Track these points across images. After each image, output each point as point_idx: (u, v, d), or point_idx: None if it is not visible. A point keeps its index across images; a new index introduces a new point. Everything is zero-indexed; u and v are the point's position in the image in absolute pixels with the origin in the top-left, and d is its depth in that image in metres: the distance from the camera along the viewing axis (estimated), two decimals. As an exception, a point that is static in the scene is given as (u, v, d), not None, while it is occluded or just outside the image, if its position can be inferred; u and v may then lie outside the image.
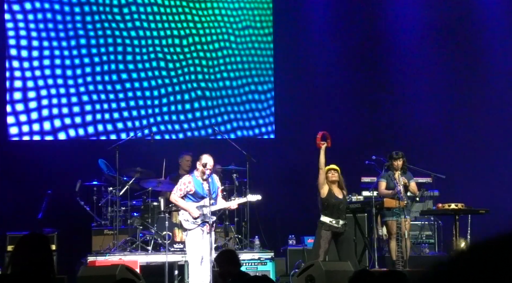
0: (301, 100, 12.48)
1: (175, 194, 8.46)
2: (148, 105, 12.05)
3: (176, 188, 8.52)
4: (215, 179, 8.58)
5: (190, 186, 8.39)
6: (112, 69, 11.96)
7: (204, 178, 8.39)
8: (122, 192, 9.94)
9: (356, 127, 12.38)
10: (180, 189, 8.44)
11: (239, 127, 12.36)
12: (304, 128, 12.15)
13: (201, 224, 8.33)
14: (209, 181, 8.43)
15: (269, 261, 9.30)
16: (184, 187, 8.42)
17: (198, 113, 12.23)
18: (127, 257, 9.27)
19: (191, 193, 8.41)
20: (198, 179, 8.41)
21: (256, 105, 12.49)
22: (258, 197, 8.57)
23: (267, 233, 10.32)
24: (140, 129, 11.73)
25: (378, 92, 12.56)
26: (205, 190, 8.39)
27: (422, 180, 10.90)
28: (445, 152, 12.12)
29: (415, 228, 10.84)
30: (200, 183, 8.41)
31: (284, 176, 12.05)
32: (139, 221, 9.97)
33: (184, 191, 8.42)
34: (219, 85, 12.32)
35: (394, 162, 9.50)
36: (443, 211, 9.17)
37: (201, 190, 8.39)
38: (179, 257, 9.49)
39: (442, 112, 12.46)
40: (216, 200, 8.52)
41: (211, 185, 8.43)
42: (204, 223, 8.31)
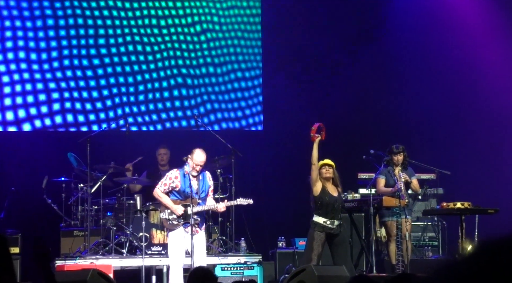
0: (291, 88, 12.46)
1: (159, 189, 8.44)
2: (123, 93, 11.97)
3: (161, 182, 8.51)
4: (207, 177, 8.56)
5: (176, 182, 8.37)
6: (83, 54, 11.88)
7: (194, 175, 8.36)
8: (94, 189, 9.91)
9: (352, 118, 12.38)
10: (165, 184, 8.43)
11: (224, 118, 12.33)
12: (295, 119, 12.14)
13: (184, 224, 8.30)
14: (200, 179, 8.40)
15: (257, 266, 9.29)
16: (170, 182, 8.40)
17: (178, 102, 12.18)
18: (99, 261, 9.23)
19: (176, 190, 8.37)
20: (187, 175, 8.38)
21: (243, 94, 12.46)
22: (250, 201, 8.55)
23: (255, 234, 10.32)
24: (114, 119, 11.67)
25: (377, 81, 12.56)
26: (193, 188, 8.36)
27: (425, 177, 10.92)
28: (451, 146, 12.14)
29: (417, 229, 10.87)
30: (188, 180, 8.38)
31: (273, 171, 12.05)
32: (113, 221, 9.93)
33: (169, 186, 8.40)
34: (201, 72, 12.27)
35: (394, 156, 9.52)
36: (447, 210, 9.17)
37: (189, 187, 8.36)
38: (157, 261, 9.49)
39: (448, 102, 12.48)
40: (204, 200, 8.50)
41: (201, 183, 8.41)
42: (186, 223, 8.28)
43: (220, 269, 9.07)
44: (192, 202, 8.34)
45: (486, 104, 12.33)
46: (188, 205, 8.33)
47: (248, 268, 9.22)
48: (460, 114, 12.40)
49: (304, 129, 12.20)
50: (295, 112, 12.29)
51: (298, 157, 12.01)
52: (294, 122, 12.16)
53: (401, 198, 9.15)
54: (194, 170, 8.30)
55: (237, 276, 9.00)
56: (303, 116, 12.22)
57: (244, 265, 9.29)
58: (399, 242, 9.27)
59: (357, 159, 10.54)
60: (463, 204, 8.98)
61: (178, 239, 8.32)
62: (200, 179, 8.39)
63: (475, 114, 12.33)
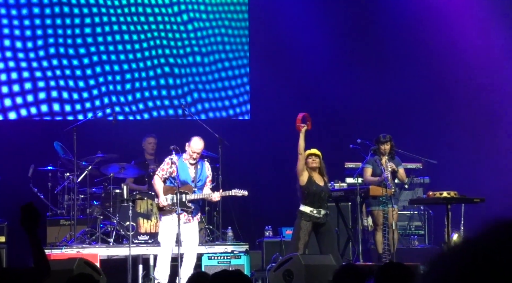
0: (279, 77, 12.42)
1: (157, 174, 8.51)
2: (110, 82, 11.90)
3: (160, 167, 8.58)
4: (205, 166, 8.59)
5: (173, 167, 8.36)
6: (69, 43, 11.79)
7: (192, 163, 8.35)
8: (80, 178, 9.87)
9: (339, 108, 12.37)
10: (162, 169, 8.49)
11: (211, 107, 12.30)
12: (282, 108, 12.12)
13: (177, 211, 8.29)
14: (197, 168, 8.40)
15: (243, 255, 9.27)
16: (167, 167, 8.43)
17: (165, 91, 12.13)
18: (86, 250, 9.21)
19: (173, 176, 8.36)
20: (184, 163, 8.38)
21: (230, 83, 12.42)
22: (245, 193, 8.59)
23: (242, 223, 10.32)
24: (100, 108, 11.61)
25: (364, 70, 12.55)
26: (190, 176, 8.35)
27: (412, 166, 10.94)
28: (437, 135, 12.16)
29: (403, 219, 10.89)
30: (186, 167, 8.39)
31: (261, 161, 12.03)
32: (100, 210, 9.92)
33: (166, 171, 8.42)
34: (188, 61, 12.22)
35: (381, 146, 9.52)
36: (434, 199, 9.18)
37: (185, 175, 8.36)
38: (144, 250, 9.48)
39: (434, 91, 12.48)
40: (201, 190, 8.53)
41: (198, 172, 8.42)
42: (182, 210, 8.30)
43: (207, 258, 9.06)
44: (188, 189, 8.34)
45: (472, 93, 12.34)
46: (184, 192, 8.32)
47: (235, 257, 9.20)
48: (446, 103, 12.41)
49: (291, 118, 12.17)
50: (282, 101, 12.26)
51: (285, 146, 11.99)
52: (281, 111, 12.13)
53: (388, 187, 9.16)
54: (192, 158, 8.32)
55: (224, 265, 8.99)
56: (290, 106, 12.18)
57: (231, 254, 9.27)
58: (386, 231, 9.29)
59: (344, 148, 10.54)
60: (449, 193, 8.99)
61: (169, 225, 8.32)
62: (198, 168, 8.41)
63: (462, 103, 12.35)
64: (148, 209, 9.81)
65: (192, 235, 8.42)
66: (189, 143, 8.38)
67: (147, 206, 9.81)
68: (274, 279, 8.11)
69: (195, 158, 8.36)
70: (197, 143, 8.37)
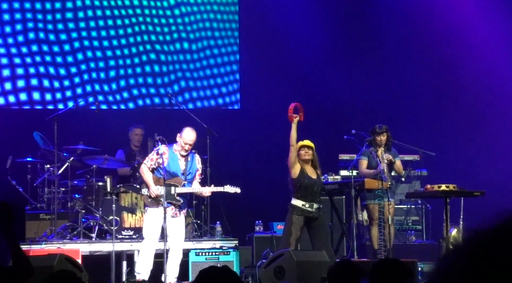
0: (270, 65, 12.41)
1: (145, 164, 8.45)
2: (92, 69, 11.84)
3: (148, 157, 8.54)
4: (196, 159, 8.58)
5: (163, 158, 8.34)
6: (49, 28, 11.72)
7: (183, 155, 8.33)
8: (61, 170, 9.83)
9: (333, 97, 12.36)
10: (151, 159, 8.44)
11: (199, 96, 12.27)
12: (274, 97, 12.10)
13: (166, 204, 8.27)
14: (188, 160, 8.39)
15: (233, 251, 9.28)
16: (156, 157, 8.39)
17: (151, 79, 12.09)
18: (67, 245, 9.17)
19: (162, 167, 8.34)
20: (175, 154, 8.37)
21: (219, 70, 12.38)
22: (237, 190, 8.60)
23: (231, 218, 10.30)
24: (83, 97, 11.55)
25: (360, 58, 12.54)
26: (180, 168, 8.34)
27: (409, 158, 10.96)
28: (436, 126, 12.17)
29: (400, 213, 10.91)
30: (176, 159, 8.38)
31: (251, 152, 12.03)
32: (81, 204, 9.89)
33: (155, 161, 8.39)
34: (175, 48, 12.19)
35: (377, 137, 9.51)
36: (432, 193, 9.18)
37: (175, 166, 8.35)
38: (128, 246, 9.46)
39: (432, 80, 12.49)
40: (190, 183, 8.52)
41: (189, 165, 8.41)
42: (169, 204, 8.26)
43: (194, 254, 9.05)
44: (177, 182, 8.32)
45: (472, 83, 12.34)
46: (173, 185, 8.30)
47: (224, 253, 9.21)
48: (445, 93, 12.41)
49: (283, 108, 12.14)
50: (273, 90, 12.23)
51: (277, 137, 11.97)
52: (273, 101, 12.11)
53: (384, 180, 9.15)
54: (183, 150, 8.32)
55: (212, 261, 8.98)
56: (282, 95, 12.15)
57: (219, 250, 9.27)
58: (382, 226, 9.30)
59: (338, 139, 10.53)
60: (448, 186, 8.99)
61: (155, 218, 8.29)
62: (188, 160, 8.40)
63: (461, 93, 12.35)
64: (132, 203, 9.78)
65: (178, 230, 8.41)
66: (181, 133, 8.35)
67: (131, 199, 9.79)
68: (265, 276, 8.10)
69: (187, 149, 8.33)
70: (190, 134, 8.35)
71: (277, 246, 9.61)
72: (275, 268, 8.02)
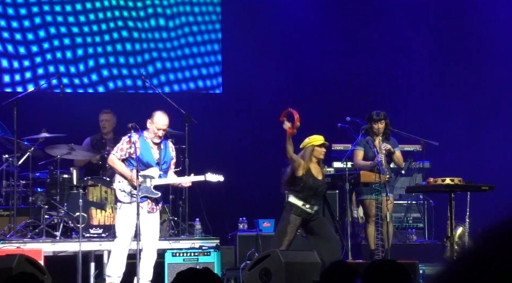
0: (255, 45, 12.40)
1: (114, 155, 8.39)
2: (56, 48, 11.76)
3: (116, 147, 8.48)
4: (169, 146, 8.57)
5: (134, 147, 8.24)
6: (7, 2, 11.71)
7: (156, 142, 8.27)
8: (21, 160, 9.75)
9: (325, 80, 12.36)
10: (121, 149, 8.37)
11: (176, 78, 12.26)
12: (259, 81, 12.10)
13: (141, 199, 8.20)
14: (161, 148, 8.38)
15: (213, 251, 9.27)
16: (127, 147, 8.32)
17: (122, 58, 12.02)
18: (27, 245, 9.12)
19: (134, 157, 8.28)
20: (147, 142, 8.32)
21: (199, 50, 12.38)
22: (220, 178, 8.60)
23: (212, 215, 10.28)
24: (45, 78, 11.45)
25: (355, 37, 12.54)
26: (153, 157, 8.31)
27: (409, 148, 10.99)
28: (439, 113, 12.18)
29: (399, 209, 10.94)
30: (148, 147, 8.34)
31: (234, 142, 12.04)
32: (44, 198, 9.82)
33: (126, 152, 8.34)
34: (150, 24, 12.17)
35: (375, 124, 9.53)
36: (435, 187, 9.18)
37: (148, 156, 8.32)
38: (97, 246, 9.42)
39: (436, 61, 12.48)
40: (166, 174, 8.48)
41: (162, 153, 8.39)
42: (144, 198, 8.19)
43: (171, 255, 9.04)
44: (153, 173, 8.25)
45: (480, 66, 12.33)
46: (148, 177, 8.24)
47: (204, 253, 9.20)
48: (450, 76, 12.40)
49: (269, 92, 12.15)
50: (259, 73, 12.24)
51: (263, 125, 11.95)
52: (258, 84, 12.11)
53: (382, 172, 9.17)
54: (156, 136, 8.29)
55: (190, 263, 8.99)
56: (268, 78, 12.15)
57: (199, 250, 9.26)
58: (379, 224, 9.32)
59: (330, 127, 10.50)
60: (453, 179, 8.99)
61: (129, 216, 8.25)
62: (161, 148, 8.38)
63: (467, 76, 12.34)
64: (101, 198, 9.76)
65: (153, 227, 8.35)
66: (152, 119, 8.32)
67: (100, 193, 9.76)
68: (249, 279, 8.10)
69: (161, 136, 8.31)
70: (162, 118, 8.32)
71: (263, 246, 9.61)
72: (260, 270, 8.01)
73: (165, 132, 8.41)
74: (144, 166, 8.33)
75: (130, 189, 8.31)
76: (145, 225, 8.24)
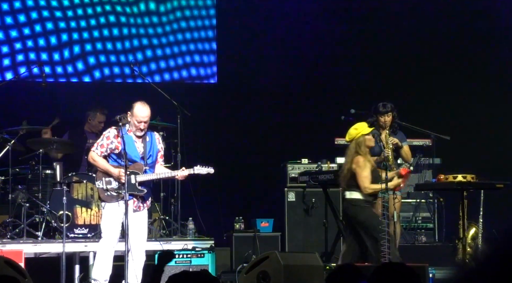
0: (252, 32, 12.36)
1: (94, 151, 8.37)
2: (38, 33, 11.74)
3: (97, 143, 8.47)
4: (155, 138, 8.53)
5: (116, 142, 8.28)
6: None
7: (139, 135, 8.27)
8: (0, 155, 9.72)
9: (326, 69, 12.33)
10: (102, 145, 8.36)
11: (168, 66, 12.23)
12: (257, 70, 12.07)
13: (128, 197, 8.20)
14: (146, 141, 8.37)
15: (208, 253, 9.27)
16: (108, 143, 8.32)
17: (110, 44, 12.01)
18: (7, 246, 9.15)
19: (116, 153, 8.28)
20: (129, 135, 8.32)
21: (192, 36, 12.34)
22: (210, 170, 8.55)
23: (206, 214, 10.27)
24: (26, 66, 11.45)
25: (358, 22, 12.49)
26: (137, 151, 8.32)
27: (419, 143, 10.97)
28: (451, 104, 12.14)
29: (407, 208, 10.94)
30: (132, 141, 8.33)
31: (230, 136, 12.00)
32: (25, 195, 9.79)
33: (107, 148, 8.33)
34: (139, 9, 12.14)
35: (381, 117, 9.54)
36: (446, 185, 9.20)
37: (132, 150, 8.30)
38: (82, 247, 9.41)
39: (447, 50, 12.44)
40: (152, 168, 8.46)
41: (148, 146, 8.37)
42: (130, 196, 8.20)
43: (162, 257, 9.00)
44: (138, 169, 8.24)
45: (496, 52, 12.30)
46: (133, 173, 8.24)
47: (197, 255, 9.21)
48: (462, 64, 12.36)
49: (268, 83, 12.13)
50: (256, 62, 12.20)
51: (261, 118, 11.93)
52: (256, 74, 12.07)
53: (389, 169, 9.13)
54: (138, 130, 8.27)
55: (183, 265, 9.00)
56: (266, 67, 12.11)
57: (192, 252, 9.27)
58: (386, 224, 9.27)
59: (334, 120, 10.50)
60: (465, 176, 9.01)
61: (114, 215, 8.25)
62: (147, 141, 8.36)
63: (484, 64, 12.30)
64: (87, 195, 9.78)
65: (140, 227, 8.30)
66: (131, 111, 8.31)
67: (86, 191, 9.77)
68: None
69: (143, 128, 8.28)
70: (142, 110, 8.30)
71: (261, 248, 9.61)
72: (258, 273, 8.01)
73: (147, 124, 8.35)
74: (128, 161, 8.32)
75: (113, 187, 8.29)
76: (132, 225, 8.22)
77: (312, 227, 10.44)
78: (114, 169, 8.27)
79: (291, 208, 10.51)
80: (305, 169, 10.53)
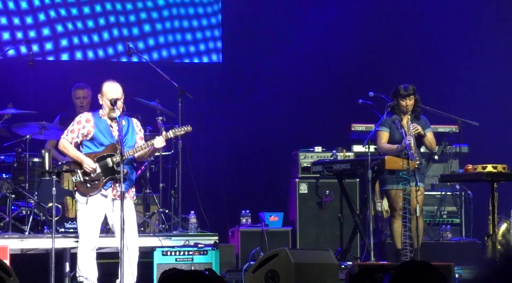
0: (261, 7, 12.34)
1: (65, 138, 8.40)
2: (25, 11, 11.78)
3: (67, 129, 8.48)
4: (133, 123, 8.55)
5: (88, 127, 8.33)
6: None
7: (113, 117, 8.29)
8: (-17, 141, 9.79)
9: (341, 48, 12.31)
10: (72, 131, 8.40)
11: (167, 43, 12.24)
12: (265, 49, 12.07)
13: (106, 184, 8.19)
14: (123, 124, 8.39)
15: (211, 250, 9.29)
16: (79, 128, 8.35)
17: (103, 19, 12.03)
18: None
19: (89, 138, 8.32)
20: (103, 119, 8.34)
21: (195, 10, 12.33)
22: (188, 129, 8.59)
23: (209, 206, 10.30)
24: (11, 44, 11.50)
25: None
26: (112, 134, 8.35)
27: (444, 129, 10.99)
28: (479, 88, 12.14)
29: (431, 202, 10.95)
30: (106, 125, 8.36)
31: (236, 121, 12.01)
32: (11, 186, 9.82)
33: (78, 133, 8.36)
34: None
35: (402, 101, 9.55)
36: (474, 176, 9.20)
37: (106, 134, 8.34)
38: (72, 242, 9.38)
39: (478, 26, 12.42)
40: None
41: (124, 129, 8.39)
42: (109, 182, 8.20)
43: (161, 254, 9.07)
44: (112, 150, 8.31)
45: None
46: (108, 156, 8.28)
47: (200, 252, 9.21)
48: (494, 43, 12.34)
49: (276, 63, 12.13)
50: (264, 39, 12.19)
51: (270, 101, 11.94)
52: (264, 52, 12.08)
53: (410, 158, 9.18)
54: (111, 111, 8.24)
55: (184, 263, 9.02)
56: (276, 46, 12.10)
57: (194, 248, 9.26)
58: (407, 219, 9.33)
59: (350, 104, 10.52)
60: (496, 167, 9.01)
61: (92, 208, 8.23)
62: (123, 125, 8.38)
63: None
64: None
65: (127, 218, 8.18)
66: (101, 91, 8.36)
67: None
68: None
69: (119, 107, 8.25)
70: (112, 86, 8.35)
71: (269, 244, 9.64)
72: (266, 272, 8.05)
73: (122, 102, 8.35)
74: (102, 146, 8.35)
75: (92, 176, 8.29)
76: (114, 217, 8.22)
77: (326, 222, 10.47)
78: (85, 157, 8.28)
79: (303, 200, 10.54)
80: (318, 158, 10.55)
